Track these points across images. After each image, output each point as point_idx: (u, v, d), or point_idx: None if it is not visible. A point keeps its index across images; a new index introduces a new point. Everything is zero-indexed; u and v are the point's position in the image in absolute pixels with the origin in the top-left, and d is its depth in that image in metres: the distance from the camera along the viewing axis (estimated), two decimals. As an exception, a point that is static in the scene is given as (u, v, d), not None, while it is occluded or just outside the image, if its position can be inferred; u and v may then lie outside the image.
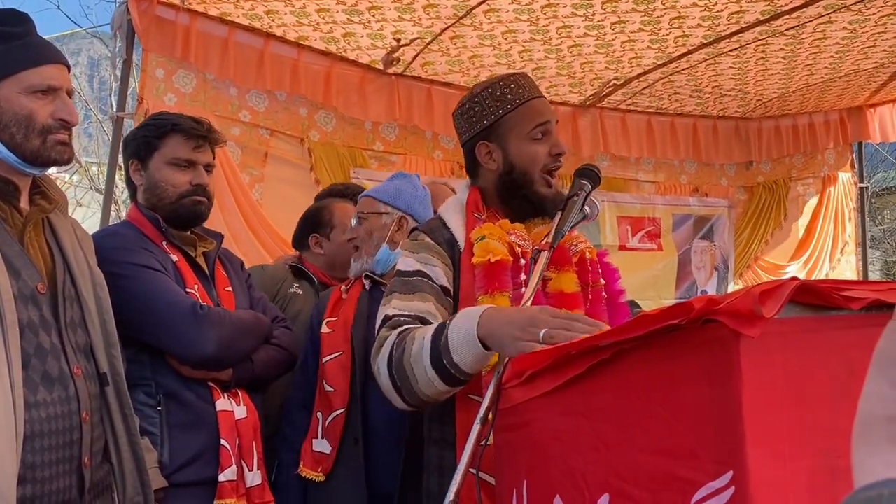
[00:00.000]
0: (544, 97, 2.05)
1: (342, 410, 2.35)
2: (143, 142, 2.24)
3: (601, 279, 2.03)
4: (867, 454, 0.75)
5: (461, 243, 1.95)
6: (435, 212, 2.21)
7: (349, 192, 3.23)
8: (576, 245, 2.01)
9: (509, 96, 1.96)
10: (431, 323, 1.78)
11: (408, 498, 2.22)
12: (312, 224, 3.06)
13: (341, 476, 2.33)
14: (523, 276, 1.88)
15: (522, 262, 1.89)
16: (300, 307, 2.79)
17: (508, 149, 1.96)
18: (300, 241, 3.09)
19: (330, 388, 2.37)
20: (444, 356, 1.64)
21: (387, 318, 1.84)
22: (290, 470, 2.40)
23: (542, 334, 1.48)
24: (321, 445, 2.36)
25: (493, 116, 1.97)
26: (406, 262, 1.94)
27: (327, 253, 3.00)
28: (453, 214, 2.01)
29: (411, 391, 1.72)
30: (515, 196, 1.98)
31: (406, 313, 1.83)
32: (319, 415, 2.38)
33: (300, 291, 2.85)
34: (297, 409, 2.48)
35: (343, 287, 2.55)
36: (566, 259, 1.95)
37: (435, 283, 1.89)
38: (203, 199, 2.25)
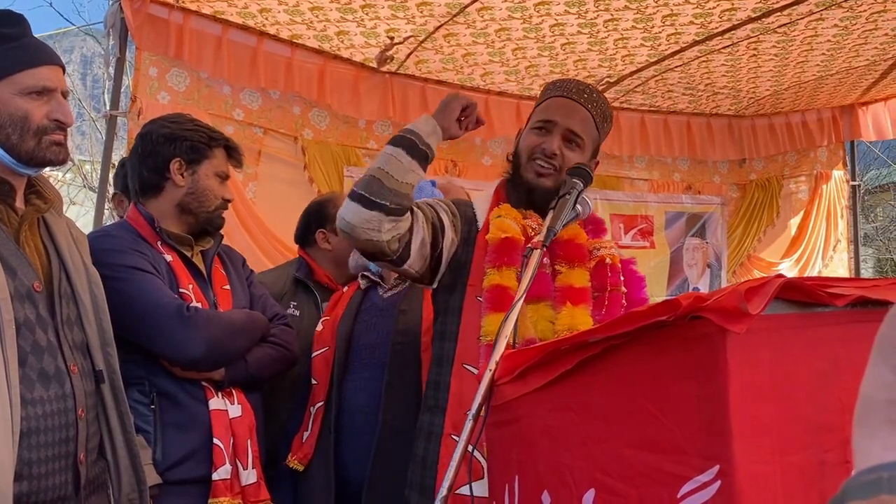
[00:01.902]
0: (569, 98, 2.08)
1: (322, 403, 2.44)
2: (194, 146, 2.25)
3: (622, 286, 2.03)
4: (867, 437, 0.75)
5: (480, 223, 2.05)
6: None
7: None
8: (597, 248, 2.04)
9: (545, 92, 2.13)
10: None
11: (378, 487, 2.27)
12: (318, 219, 2.94)
13: (316, 465, 2.41)
14: None
15: None
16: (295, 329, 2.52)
17: (521, 136, 2.12)
18: (304, 237, 2.97)
19: (315, 382, 2.47)
20: (404, 134, 1.99)
21: None
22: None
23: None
24: (307, 437, 2.46)
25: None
26: None
27: (335, 248, 2.89)
28: (480, 199, 2.14)
29: (382, 187, 1.90)
30: (513, 178, 2.10)
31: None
32: (312, 409, 2.47)
33: (297, 312, 2.71)
34: (300, 406, 2.54)
35: (345, 288, 2.61)
36: (580, 255, 1.98)
37: (437, 212, 2.01)
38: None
